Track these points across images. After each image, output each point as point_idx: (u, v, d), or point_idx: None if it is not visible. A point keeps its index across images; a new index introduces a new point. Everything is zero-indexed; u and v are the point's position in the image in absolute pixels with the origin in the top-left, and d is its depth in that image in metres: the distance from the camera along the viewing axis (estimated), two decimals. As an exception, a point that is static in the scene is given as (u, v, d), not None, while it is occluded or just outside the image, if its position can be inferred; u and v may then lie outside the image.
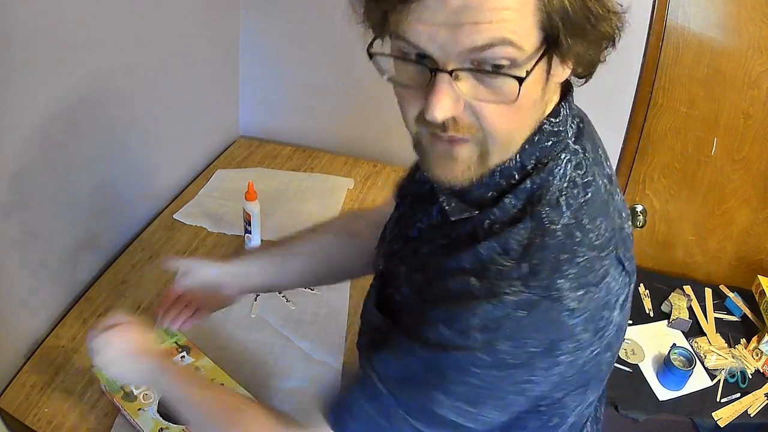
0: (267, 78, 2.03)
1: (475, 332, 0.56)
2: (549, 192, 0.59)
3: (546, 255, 0.56)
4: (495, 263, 0.57)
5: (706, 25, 1.66)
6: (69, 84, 1.23)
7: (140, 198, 1.61)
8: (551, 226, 0.58)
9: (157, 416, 1.06)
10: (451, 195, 0.64)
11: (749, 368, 1.65)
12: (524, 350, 0.56)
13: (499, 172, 0.61)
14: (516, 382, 0.58)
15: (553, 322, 0.56)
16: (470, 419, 0.60)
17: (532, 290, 0.55)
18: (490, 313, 0.55)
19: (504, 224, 0.59)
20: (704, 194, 1.90)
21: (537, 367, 0.57)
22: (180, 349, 1.19)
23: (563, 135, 0.62)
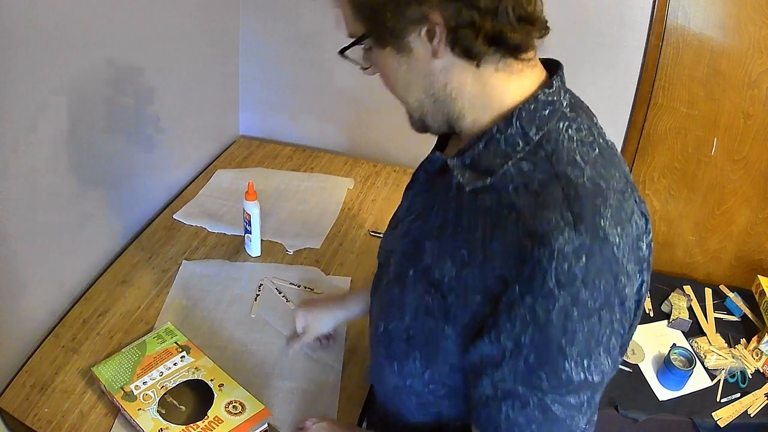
0: (267, 78, 2.03)
1: (557, 290, 0.61)
2: (564, 154, 0.66)
3: (584, 202, 0.63)
4: (539, 219, 0.62)
5: (706, 25, 1.66)
6: (69, 84, 1.23)
7: (140, 198, 1.61)
8: (578, 180, 0.64)
9: (157, 416, 1.06)
10: (462, 167, 0.70)
11: (749, 368, 1.65)
12: (600, 291, 0.62)
13: (504, 140, 0.68)
14: (606, 323, 0.64)
15: (608, 259, 0.63)
16: (593, 371, 0.65)
17: (583, 234, 0.61)
18: (558, 267, 0.61)
19: (531, 187, 0.65)
20: (704, 194, 1.90)
21: (614, 305, 0.64)
22: (180, 349, 1.19)
23: (558, 104, 0.69)
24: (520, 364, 0.66)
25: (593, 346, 0.64)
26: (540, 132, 0.67)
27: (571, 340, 0.63)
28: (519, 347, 0.65)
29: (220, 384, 1.13)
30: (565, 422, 0.68)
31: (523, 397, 0.67)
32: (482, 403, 0.71)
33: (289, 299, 1.39)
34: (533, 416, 0.68)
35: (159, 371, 1.14)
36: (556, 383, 0.65)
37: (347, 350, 1.29)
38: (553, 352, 0.64)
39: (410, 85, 0.71)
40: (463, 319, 0.70)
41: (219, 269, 1.47)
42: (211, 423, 1.05)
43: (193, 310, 1.35)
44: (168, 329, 1.24)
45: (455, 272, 0.70)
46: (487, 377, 0.69)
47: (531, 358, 0.65)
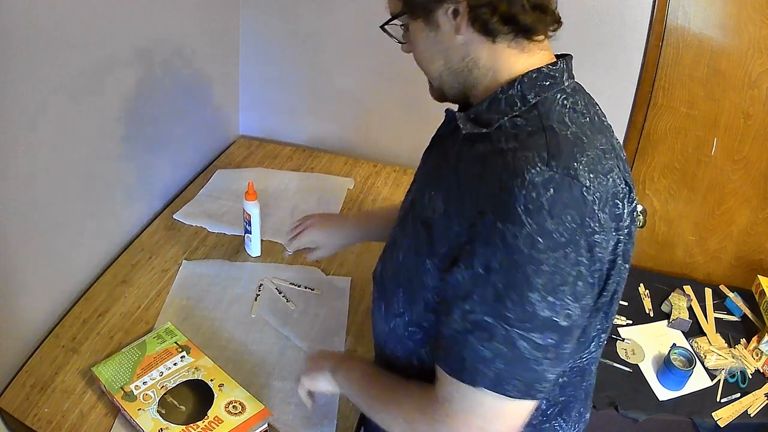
0: (267, 78, 2.03)
1: (524, 216, 0.66)
2: (555, 114, 0.74)
3: (561, 146, 0.70)
4: (518, 158, 0.69)
5: (706, 25, 1.66)
6: (69, 84, 1.23)
7: (140, 198, 1.61)
8: (562, 132, 0.72)
9: (157, 416, 1.06)
10: (466, 119, 0.79)
11: (749, 368, 1.65)
12: (565, 226, 0.66)
13: (504, 100, 0.76)
14: (572, 262, 0.68)
15: (576, 198, 0.67)
16: (559, 312, 0.68)
17: (553, 169, 0.67)
18: (527, 195, 0.66)
19: (520, 135, 0.72)
20: (704, 194, 1.90)
21: (581, 246, 0.68)
22: (180, 349, 1.19)
23: (559, 80, 0.77)
24: (488, 291, 0.69)
25: (558, 283, 0.67)
26: (537, 97, 0.75)
27: (536, 270, 0.66)
28: (488, 271, 0.69)
29: (220, 384, 1.13)
30: (530, 363, 0.69)
31: (491, 328, 0.69)
32: (450, 339, 0.73)
33: (289, 299, 1.39)
34: (499, 350, 0.69)
35: (159, 371, 1.14)
36: (522, 315, 0.68)
37: (347, 350, 1.29)
38: (519, 279, 0.67)
39: (434, 57, 0.80)
40: (442, 248, 0.75)
41: (219, 269, 1.47)
42: (211, 423, 1.05)
43: (193, 310, 1.35)
44: (168, 329, 1.24)
45: (443, 209, 0.77)
46: (457, 309, 0.72)
47: (499, 285, 0.68)
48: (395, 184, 1.87)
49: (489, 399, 0.71)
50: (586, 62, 0.79)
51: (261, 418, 1.07)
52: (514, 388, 0.70)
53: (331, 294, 1.42)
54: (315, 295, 1.41)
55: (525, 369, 0.69)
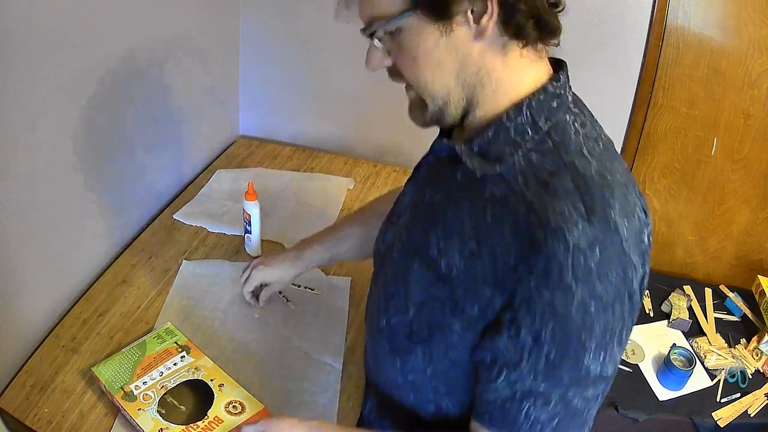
0: (267, 78, 2.03)
1: (575, 284, 0.62)
2: (571, 146, 0.67)
3: (593, 192, 0.64)
4: (550, 210, 0.62)
5: (706, 25, 1.66)
6: (69, 84, 1.23)
7: (140, 198, 1.61)
8: (586, 172, 0.65)
9: (157, 416, 1.06)
10: (471, 155, 0.70)
11: (749, 368, 1.65)
12: (612, 284, 0.63)
13: (513, 129, 0.68)
14: (618, 316, 0.65)
15: (618, 253, 0.63)
16: (608, 364, 0.67)
17: (595, 226, 0.62)
18: (575, 261, 0.61)
19: (540, 177, 0.65)
20: (704, 194, 1.90)
21: (624, 298, 0.65)
22: (180, 349, 1.19)
23: (564, 98, 0.70)
24: (540, 362, 0.65)
25: (608, 339, 0.65)
26: (548, 122, 0.68)
27: (589, 334, 0.64)
28: (539, 343, 0.65)
29: (220, 384, 1.13)
30: (582, 414, 0.69)
31: (545, 394, 0.67)
32: (497, 405, 0.70)
33: (289, 299, 1.39)
34: (556, 411, 0.68)
35: (159, 371, 1.14)
36: (577, 377, 0.66)
37: (347, 350, 1.29)
38: (573, 346, 0.64)
39: (443, 69, 0.68)
40: (472, 312, 0.69)
41: (219, 269, 1.47)
42: (211, 423, 1.05)
43: (193, 310, 1.35)
44: (168, 329, 1.24)
45: (463, 264, 0.69)
46: (503, 379, 0.68)
47: (552, 354, 0.65)
48: (395, 184, 1.87)
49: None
50: (586, 62, 0.77)
51: (261, 417, 1.07)
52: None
53: (331, 294, 1.42)
54: (315, 295, 1.41)
55: (578, 420, 0.70)
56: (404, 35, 0.68)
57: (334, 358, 1.25)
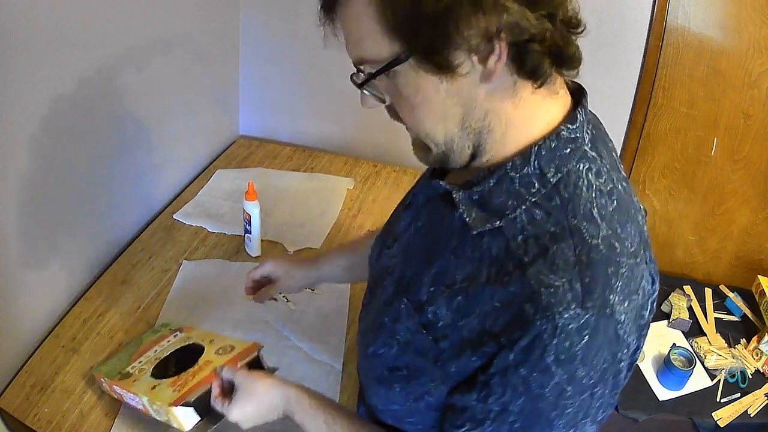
0: (267, 78, 2.03)
1: (554, 367, 0.58)
2: (581, 205, 0.60)
3: (595, 272, 0.58)
4: (545, 285, 0.57)
5: (706, 25, 1.66)
6: (69, 84, 1.23)
7: (140, 198, 1.61)
8: (593, 240, 0.59)
9: (150, 379, 1.05)
10: (470, 204, 0.63)
11: (749, 368, 1.65)
12: (597, 369, 0.59)
13: (518, 180, 0.61)
14: (598, 397, 0.62)
15: (611, 338, 0.59)
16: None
17: (589, 311, 0.57)
18: (559, 345, 0.57)
19: (541, 241, 0.59)
20: (704, 194, 1.90)
21: (608, 380, 0.61)
22: (173, 332, 1.20)
23: (580, 142, 0.62)
24: (503, 428, 0.63)
25: (580, 419, 0.62)
26: (558, 174, 0.60)
27: (560, 414, 0.61)
28: (505, 413, 0.62)
29: (210, 340, 1.11)
30: None
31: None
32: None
33: (289, 299, 1.39)
34: None
35: (153, 351, 1.14)
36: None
37: (347, 350, 1.29)
38: (540, 424, 0.62)
39: (446, 118, 0.60)
40: (451, 366, 0.66)
41: (219, 269, 1.47)
42: (200, 367, 1.03)
43: (193, 310, 1.35)
44: (163, 324, 1.24)
45: (450, 319, 0.64)
46: (466, 429, 0.66)
47: (516, 424, 0.62)
48: (395, 184, 1.87)
49: None
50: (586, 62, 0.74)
51: (252, 350, 1.04)
52: None
53: (331, 294, 1.42)
54: (315, 295, 1.41)
55: None
56: (399, 79, 0.60)
57: (334, 358, 1.25)
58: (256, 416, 0.88)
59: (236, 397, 0.89)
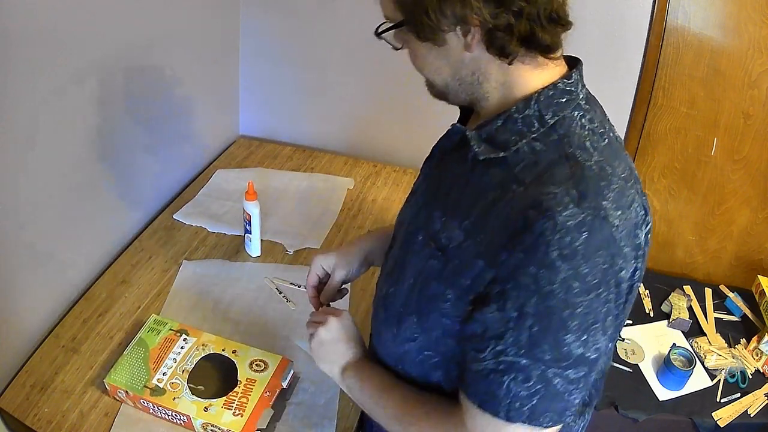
0: (267, 78, 2.03)
1: (559, 262, 0.65)
2: (575, 139, 0.71)
3: (588, 182, 0.68)
4: (544, 193, 0.67)
5: (706, 25, 1.66)
6: (69, 84, 1.23)
7: (140, 198, 1.61)
8: (586, 162, 0.69)
9: (194, 398, 1.08)
10: (479, 140, 0.75)
11: (749, 368, 1.65)
12: (598, 268, 0.66)
13: (521, 120, 0.72)
14: (603, 300, 0.68)
15: (607, 238, 0.67)
16: (591, 348, 0.69)
17: (585, 210, 0.65)
18: (561, 240, 0.65)
19: (541, 165, 0.70)
20: (704, 194, 1.90)
21: (611, 284, 0.68)
22: (178, 333, 1.20)
23: (575, 95, 0.74)
24: (523, 335, 0.68)
25: (591, 323, 0.68)
26: (555, 117, 0.72)
27: (571, 314, 0.67)
28: (523, 316, 0.68)
29: (233, 351, 1.17)
30: (563, 397, 0.71)
31: (526, 369, 0.69)
32: (482, 375, 0.73)
33: (289, 299, 1.39)
34: (535, 388, 0.70)
35: (171, 359, 1.15)
36: (558, 356, 0.68)
37: (347, 350, 1.28)
38: (555, 323, 0.67)
39: (440, 69, 0.75)
40: (465, 281, 0.73)
41: (219, 269, 1.47)
42: (246, 386, 1.11)
43: (193, 310, 1.35)
44: (156, 320, 1.24)
45: (462, 238, 0.74)
46: (490, 349, 0.71)
47: (534, 328, 0.68)
48: (395, 184, 1.87)
49: (522, 430, 0.72)
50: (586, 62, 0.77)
51: (285, 366, 1.15)
52: (547, 419, 0.71)
53: (331, 294, 1.42)
54: (315, 295, 1.41)
55: (558, 401, 0.71)
56: (405, 37, 0.75)
57: (334, 358, 1.25)
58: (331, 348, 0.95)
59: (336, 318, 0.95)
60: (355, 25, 1.83)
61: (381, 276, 0.93)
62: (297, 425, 1.12)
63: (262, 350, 1.17)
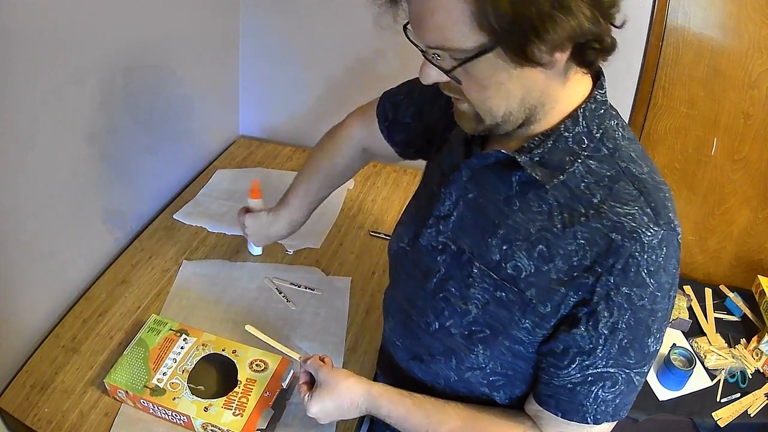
0: (267, 78, 2.03)
1: (648, 278, 0.69)
2: (623, 152, 0.73)
3: (654, 197, 0.71)
4: (623, 215, 0.69)
5: (706, 25, 1.66)
6: (68, 84, 1.23)
7: (140, 198, 1.61)
8: (642, 175, 0.72)
9: (194, 398, 1.08)
10: (533, 165, 0.73)
11: (749, 368, 1.65)
12: (673, 274, 0.72)
13: (572, 138, 0.72)
14: (673, 298, 0.74)
15: (676, 246, 0.72)
16: (661, 340, 0.75)
17: (663, 228, 0.69)
18: (649, 258, 0.68)
19: (603, 183, 0.71)
20: (704, 194, 1.90)
21: (677, 283, 0.74)
22: (178, 333, 1.20)
23: (607, 104, 0.75)
24: (614, 348, 0.72)
25: (663, 320, 0.74)
26: (600, 129, 0.73)
27: (654, 319, 0.72)
28: (615, 332, 0.71)
29: (233, 351, 1.17)
30: (638, 389, 0.77)
31: (614, 377, 0.74)
32: (567, 389, 0.76)
33: (289, 299, 1.39)
34: (619, 390, 0.75)
35: (171, 359, 1.15)
36: (641, 358, 0.74)
37: (347, 350, 1.29)
38: (642, 331, 0.72)
39: (510, 97, 0.69)
40: (545, 309, 0.75)
41: (219, 269, 1.47)
42: (246, 386, 1.10)
43: (193, 310, 1.35)
44: (156, 320, 1.24)
45: (534, 267, 0.74)
46: (576, 365, 0.74)
47: (624, 340, 0.72)
48: (395, 184, 1.87)
49: (606, 427, 0.79)
50: None
51: (284, 366, 1.14)
52: (625, 411, 0.78)
53: (331, 294, 1.42)
54: (315, 295, 1.41)
55: (634, 393, 0.77)
56: (475, 66, 0.65)
57: (335, 358, 1.25)
58: (335, 412, 0.92)
59: (318, 391, 0.92)
60: (356, 25, 1.83)
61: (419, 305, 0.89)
62: (297, 425, 1.12)
63: (262, 350, 1.17)
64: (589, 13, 0.60)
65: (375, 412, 0.90)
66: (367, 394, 0.90)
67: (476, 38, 0.62)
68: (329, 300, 1.40)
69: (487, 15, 0.60)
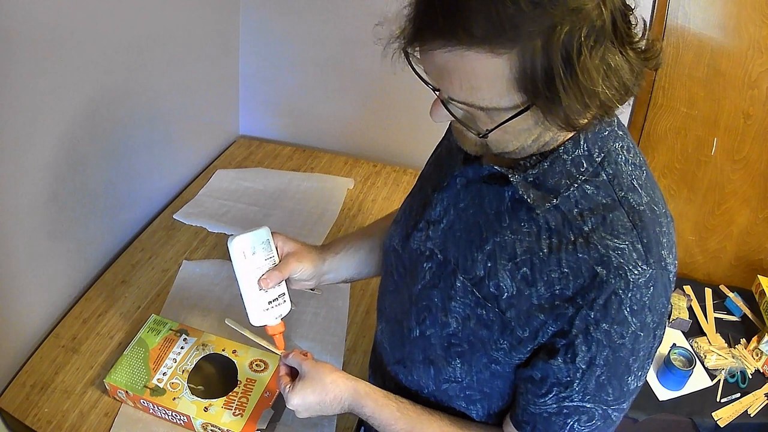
0: (267, 78, 2.03)
1: (630, 317, 0.66)
2: (624, 179, 0.69)
3: (648, 233, 0.67)
4: (612, 249, 0.66)
5: (706, 25, 1.66)
6: (68, 84, 1.23)
7: (140, 198, 1.61)
8: (639, 207, 0.68)
9: (194, 398, 1.08)
10: (527, 185, 0.70)
11: (749, 368, 1.65)
12: (659, 314, 0.69)
13: (570, 161, 0.69)
14: (658, 337, 0.72)
15: (666, 285, 0.69)
16: (642, 378, 0.73)
17: (652, 266, 0.66)
18: (633, 297, 0.66)
19: (597, 211, 0.68)
20: (704, 194, 1.90)
21: (664, 321, 0.71)
22: (178, 333, 1.20)
23: (614, 124, 0.72)
24: (591, 383, 0.70)
25: (646, 358, 0.71)
26: (602, 153, 0.69)
27: (636, 358, 0.70)
28: (592, 368, 0.69)
29: (232, 351, 1.17)
30: (615, 423, 0.75)
31: (590, 412, 0.72)
32: (543, 418, 0.74)
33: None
34: (597, 425, 0.73)
35: (171, 359, 1.15)
36: (619, 395, 0.72)
37: (347, 350, 1.29)
38: (621, 370, 0.70)
39: (529, 137, 0.67)
40: (523, 333, 0.72)
41: (219, 269, 1.47)
42: (246, 386, 1.11)
43: (193, 310, 1.35)
44: (156, 320, 1.24)
45: (516, 289, 0.71)
46: (552, 395, 0.72)
47: (602, 376, 0.70)
48: (395, 184, 1.87)
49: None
50: None
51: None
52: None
53: (331, 294, 1.42)
54: (315, 295, 1.41)
55: (611, 427, 0.75)
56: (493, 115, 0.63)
57: (334, 358, 1.25)
58: (317, 407, 0.88)
59: (300, 384, 0.87)
60: (356, 25, 1.83)
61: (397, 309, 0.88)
62: (297, 425, 1.12)
63: (262, 350, 1.17)
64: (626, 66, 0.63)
65: (358, 411, 0.87)
66: (353, 391, 0.87)
67: (511, 99, 0.60)
68: (329, 300, 1.40)
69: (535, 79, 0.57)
